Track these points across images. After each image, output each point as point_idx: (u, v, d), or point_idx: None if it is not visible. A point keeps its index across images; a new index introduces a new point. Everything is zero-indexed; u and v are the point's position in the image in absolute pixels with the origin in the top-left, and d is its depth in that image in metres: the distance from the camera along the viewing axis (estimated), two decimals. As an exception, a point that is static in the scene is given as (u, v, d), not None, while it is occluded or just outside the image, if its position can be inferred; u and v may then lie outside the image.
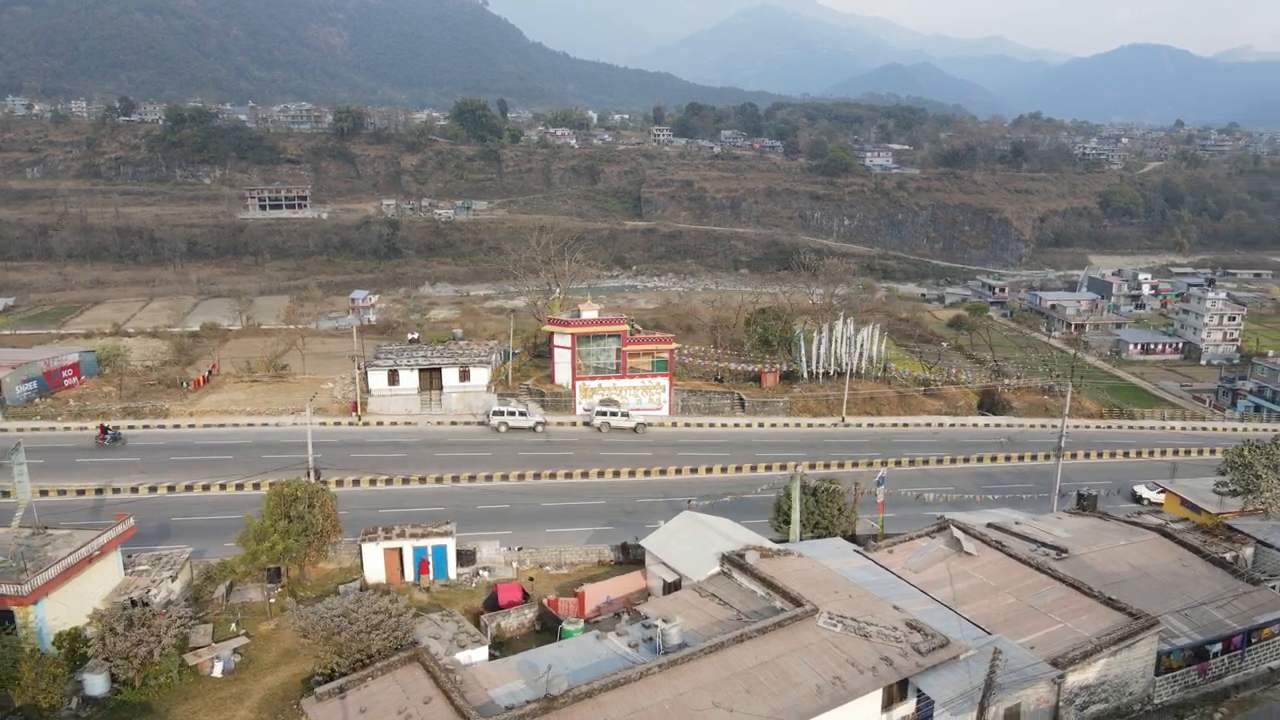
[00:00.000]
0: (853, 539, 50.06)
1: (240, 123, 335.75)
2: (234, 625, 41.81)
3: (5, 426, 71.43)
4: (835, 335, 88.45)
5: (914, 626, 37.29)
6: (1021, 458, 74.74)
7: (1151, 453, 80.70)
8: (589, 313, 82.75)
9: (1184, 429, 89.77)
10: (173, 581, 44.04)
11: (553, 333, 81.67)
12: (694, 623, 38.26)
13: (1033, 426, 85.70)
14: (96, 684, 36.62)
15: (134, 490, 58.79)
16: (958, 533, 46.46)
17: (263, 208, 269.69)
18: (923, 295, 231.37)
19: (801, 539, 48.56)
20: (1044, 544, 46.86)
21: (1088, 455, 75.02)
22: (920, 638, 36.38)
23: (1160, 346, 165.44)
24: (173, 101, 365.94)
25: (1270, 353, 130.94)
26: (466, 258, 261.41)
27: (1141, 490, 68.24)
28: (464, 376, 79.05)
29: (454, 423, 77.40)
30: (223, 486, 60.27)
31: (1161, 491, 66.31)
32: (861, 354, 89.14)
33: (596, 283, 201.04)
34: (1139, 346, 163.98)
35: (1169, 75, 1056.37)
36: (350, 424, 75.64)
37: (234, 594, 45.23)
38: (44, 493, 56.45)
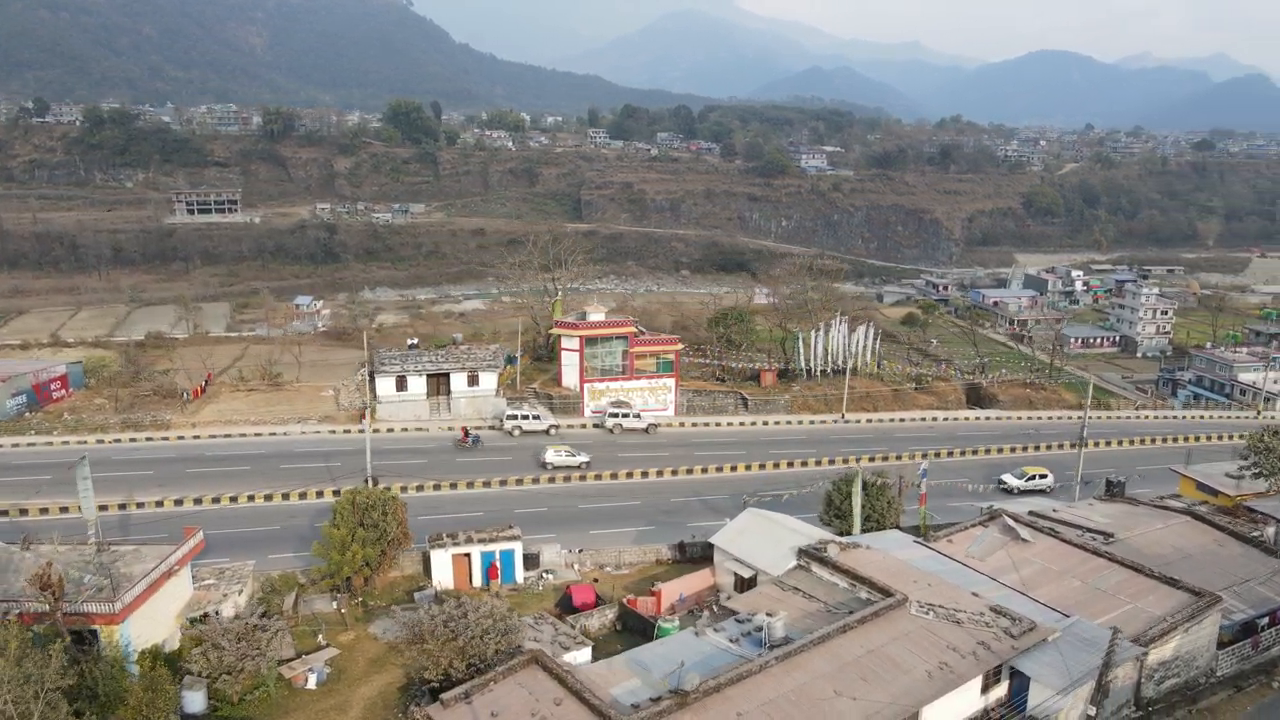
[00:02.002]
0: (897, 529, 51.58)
1: (164, 124, 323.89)
2: (319, 637, 41.05)
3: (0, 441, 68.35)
4: (831, 335, 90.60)
5: (999, 611, 38.75)
6: (1026, 449, 77.48)
7: (1176, 439, 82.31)
8: (596, 315, 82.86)
9: (1157, 418, 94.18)
10: (240, 595, 43.04)
11: (560, 335, 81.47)
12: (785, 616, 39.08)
13: (1019, 419, 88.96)
14: (195, 701, 35.72)
15: (159, 504, 56.88)
16: (1011, 521, 48.33)
17: (190, 212, 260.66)
18: (861, 294, 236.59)
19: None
20: (1089, 529, 49.15)
21: (1085, 445, 77.98)
22: (1008, 622, 37.84)
23: (1099, 340, 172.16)
24: (84, 102, 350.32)
25: (1209, 344, 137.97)
26: (406, 261, 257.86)
27: (1008, 479, 66.72)
28: (472, 381, 78.23)
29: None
30: (250, 498, 58.74)
31: (1030, 479, 65.39)
32: (857, 353, 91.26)
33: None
34: (1079, 341, 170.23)
35: (1075, 81, 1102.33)
36: (361, 431, 74.00)
37: (301, 605, 44.36)
38: (64, 509, 54.31)
